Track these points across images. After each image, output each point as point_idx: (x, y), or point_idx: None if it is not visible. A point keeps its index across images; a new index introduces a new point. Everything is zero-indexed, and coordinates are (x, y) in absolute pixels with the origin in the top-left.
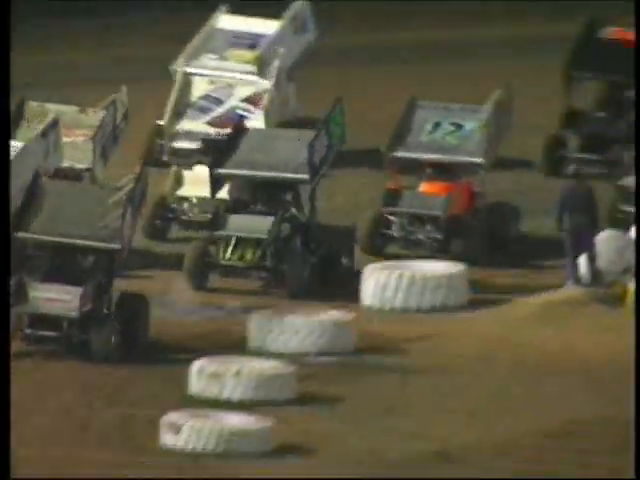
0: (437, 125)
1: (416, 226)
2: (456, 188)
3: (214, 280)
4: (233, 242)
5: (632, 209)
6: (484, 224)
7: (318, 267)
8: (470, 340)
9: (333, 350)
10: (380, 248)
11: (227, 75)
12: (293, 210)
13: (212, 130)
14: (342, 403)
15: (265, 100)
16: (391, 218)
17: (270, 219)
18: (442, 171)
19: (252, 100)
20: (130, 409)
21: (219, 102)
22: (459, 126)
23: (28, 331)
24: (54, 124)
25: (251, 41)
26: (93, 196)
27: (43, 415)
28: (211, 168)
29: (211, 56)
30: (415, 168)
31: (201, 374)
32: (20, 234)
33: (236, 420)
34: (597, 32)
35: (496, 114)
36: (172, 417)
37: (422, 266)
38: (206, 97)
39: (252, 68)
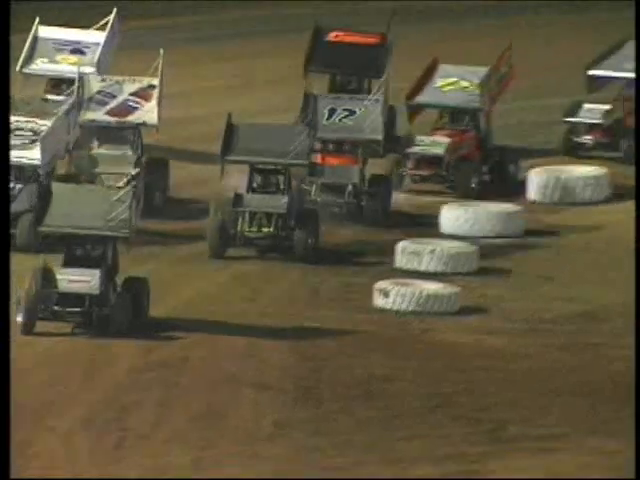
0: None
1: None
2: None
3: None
4: (249, 217)
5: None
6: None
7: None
8: (610, 228)
9: (506, 234)
10: None
11: (64, 75)
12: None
13: (111, 119)
14: (511, 274)
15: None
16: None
17: (279, 197)
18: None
19: (140, 94)
20: (350, 278)
21: (112, 96)
22: (352, 112)
23: (56, 308)
24: (73, 105)
25: (71, 47)
26: (98, 195)
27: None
28: (222, 155)
29: (43, 60)
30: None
31: (404, 252)
32: (43, 227)
33: (431, 286)
34: (323, 36)
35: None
36: (382, 284)
37: (574, 169)
38: (101, 92)
39: (82, 68)
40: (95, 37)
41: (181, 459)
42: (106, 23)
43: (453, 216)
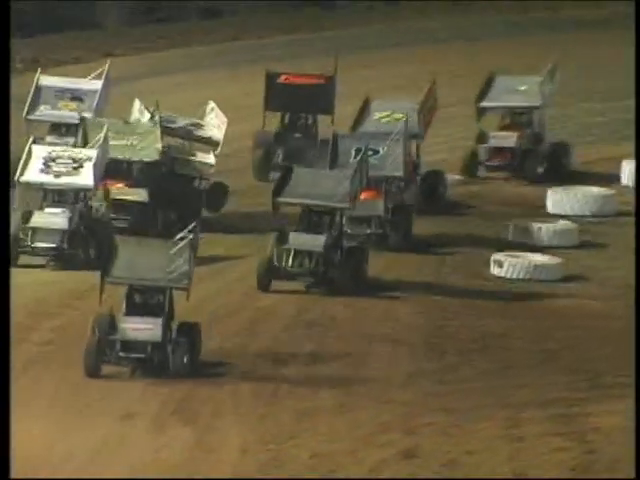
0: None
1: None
2: None
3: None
4: (293, 254)
5: None
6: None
7: None
8: None
9: (602, 213)
10: None
11: (65, 120)
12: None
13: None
14: (608, 247)
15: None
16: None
17: (320, 236)
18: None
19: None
20: (470, 250)
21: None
22: (376, 151)
23: (121, 354)
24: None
25: (71, 94)
26: (159, 248)
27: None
28: (273, 196)
29: (47, 106)
30: None
31: (516, 229)
32: (110, 279)
33: (538, 258)
34: (275, 79)
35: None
36: (497, 256)
37: None
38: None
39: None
40: (92, 85)
41: (327, 402)
42: (101, 73)
43: (557, 198)
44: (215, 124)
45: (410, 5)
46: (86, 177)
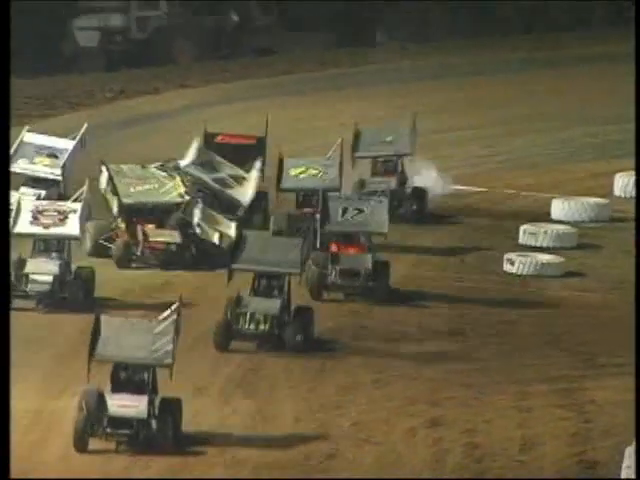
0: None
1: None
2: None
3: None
4: (249, 316)
5: None
6: None
7: None
8: None
9: (598, 219)
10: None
11: (37, 174)
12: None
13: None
14: (602, 248)
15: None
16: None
17: (275, 300)
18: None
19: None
20: (486, 252)
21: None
22: (361, 210)
23: (109, 430)
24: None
25: (48, 151)
26: (142, 327)
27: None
28: (229, 263)
29: (25, 160)
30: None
31: (525, 232)
32: (97, 357)
33: (544, 257)
34: (213, 139)
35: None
36: (509, 255)
37: None
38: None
39: (52, 169)
40: (68, 144)
41: (365, 378)
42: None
43: (560, 207)
44: (254, 178)
45: (438, 45)
46: (72, 227)
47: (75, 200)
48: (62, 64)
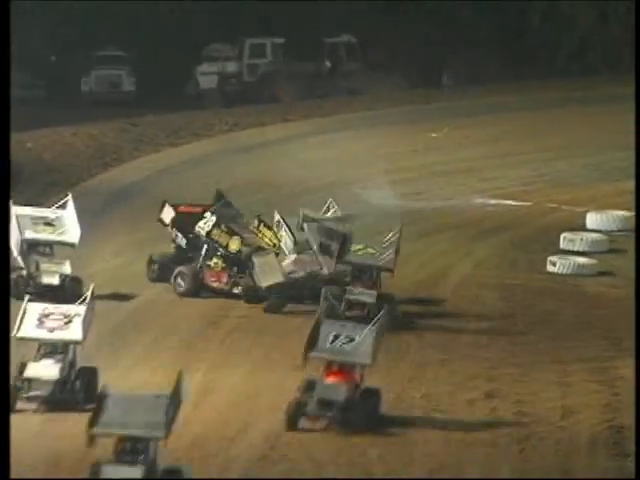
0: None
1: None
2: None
3: None
4: None
5: None
6: None
7: None
8: None
9: (625, 229)
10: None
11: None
12: None
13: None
14: (628, 252)
15: None
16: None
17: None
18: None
19: None
20: (535, 255)
21: None
22: (352, 339)
23: None
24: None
25: (43, 221)
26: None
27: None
28: (88, 427)
29: (29, 231)
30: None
31: (565, 239)
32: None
33: (580, 259)
34: (176, 208)
35: None
36: (552, 258)
37: None
38: None
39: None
40: (56, 213)
41: (433, 357)
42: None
43: (596, 218)
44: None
45: (492, 86)
46: (75, 331)
47: (81, 303)
48: (187, 102)
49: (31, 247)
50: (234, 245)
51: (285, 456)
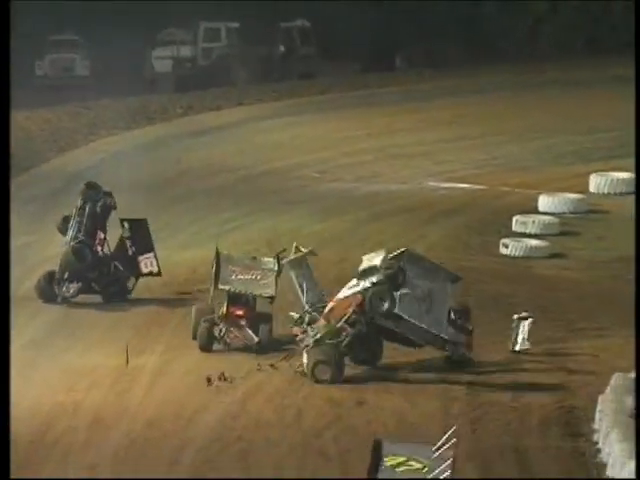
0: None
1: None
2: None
3: None
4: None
5: None
6: None
7: None
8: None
9: (576, 211)
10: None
11: None
12: None
13: None
14: (580, 235)
15: None
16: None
17: None
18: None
19: None
20: (487, 237)
21: None
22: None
23: None
24: None
25: None
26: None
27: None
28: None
29: None
30: None
31: (517, 222)
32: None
33: (533, 242)
34: None
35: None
36: (505, 240)
37: (618, 174)
38: None
39: None
40: None
41: None
42: None
43: (547, 201)
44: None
45: (447, 70)
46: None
47: None
48: (142, 86)
49: None
50: None
51: None
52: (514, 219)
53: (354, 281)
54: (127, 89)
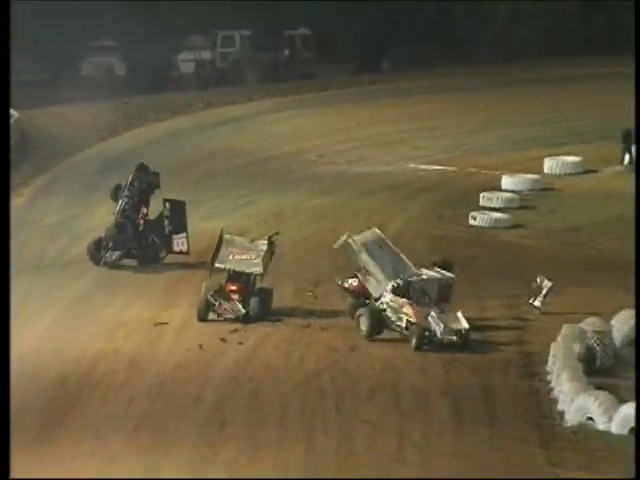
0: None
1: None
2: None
3: None
4: None
5: None
6: None
7: None
8: (586, 185)
9: (533, 189)
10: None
11: None
12: None
13: None
14: (536, 209)
15: None
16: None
17: None
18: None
19: None
20: (459, 210)
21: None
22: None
23: None
24: None
25: None
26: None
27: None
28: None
29: None
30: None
31: (483, 197)
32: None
33: (497, 214)
34: None
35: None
36: (473, 213)
37: (567, 158)
38: None
39: None
40: None
41: None
42: None
43: (509, 180)
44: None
45: (427, 72)
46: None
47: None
48: (170, 85)
49: None
50: None
51: None
52: (481, 195)
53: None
54: (157, 87)
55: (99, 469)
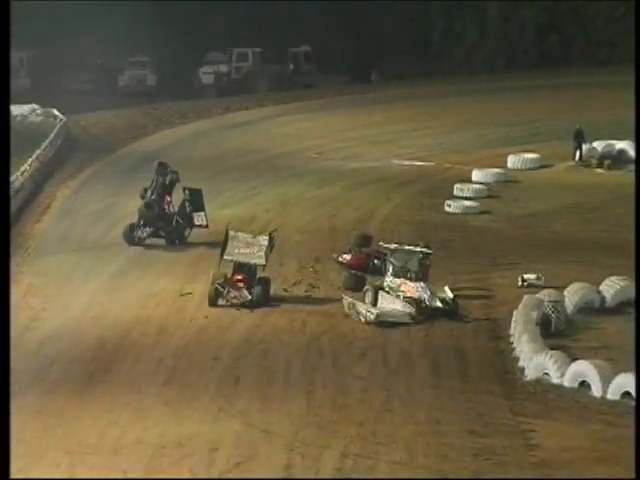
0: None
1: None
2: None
3: None
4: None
5: None
6: None
7: None
8: (545, 177)
9: (498, 181)
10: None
11: None
12: None
13: None
14: (500, 197)
15: None
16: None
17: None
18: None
19: None
20: (435, 199)
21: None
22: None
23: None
24: None
25: None
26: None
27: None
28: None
29: None
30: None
31: (457, 188)
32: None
33: (468, 202)
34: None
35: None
36: (448, 201)
37: (526, 154)
38: None
39: None
40: None
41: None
42: None
43: (478, 174)
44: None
45: (411, 81)
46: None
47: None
48: (193, 93)
49: None
50: None
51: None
52: (455, 186)
53: None
54: (182, 95)
55: (133, 418)
